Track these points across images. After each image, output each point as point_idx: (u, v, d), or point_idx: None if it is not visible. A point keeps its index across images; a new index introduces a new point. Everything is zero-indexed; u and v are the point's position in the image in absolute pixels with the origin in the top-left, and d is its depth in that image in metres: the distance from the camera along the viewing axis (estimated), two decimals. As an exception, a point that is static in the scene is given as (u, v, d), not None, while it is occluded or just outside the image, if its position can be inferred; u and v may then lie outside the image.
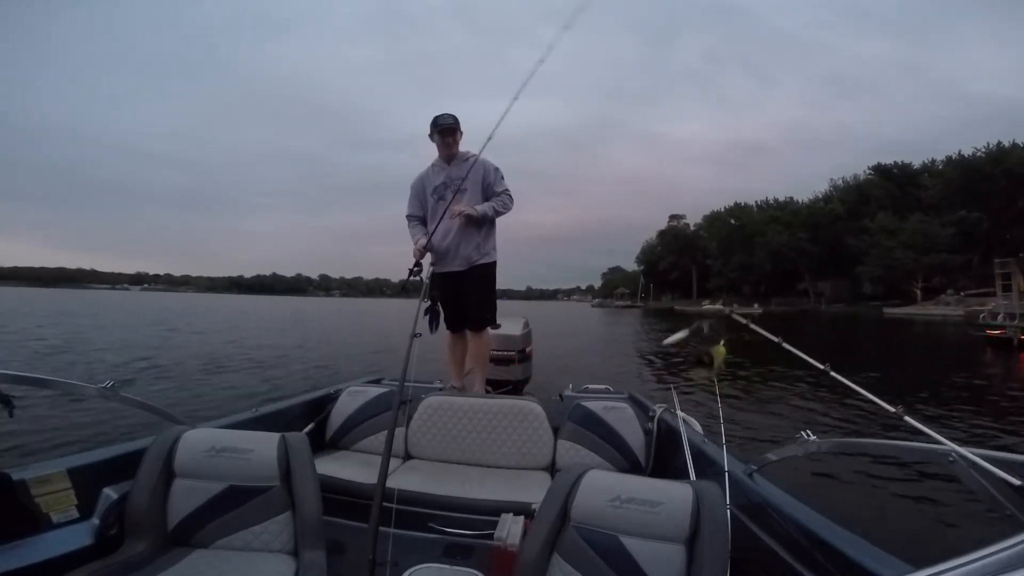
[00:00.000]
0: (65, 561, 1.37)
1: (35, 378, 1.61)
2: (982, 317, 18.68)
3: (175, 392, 7.33)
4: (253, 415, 2.32)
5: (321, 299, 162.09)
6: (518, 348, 4.70)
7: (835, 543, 1.22)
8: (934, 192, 51.96)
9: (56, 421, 5.02)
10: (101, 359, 10.28)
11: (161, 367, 9.39)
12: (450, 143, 2.93)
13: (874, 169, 62.90)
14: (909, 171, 59.33)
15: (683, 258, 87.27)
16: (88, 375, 8.20)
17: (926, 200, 52.39)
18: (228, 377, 8.92)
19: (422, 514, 1.91)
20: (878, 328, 29.58)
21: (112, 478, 1.60)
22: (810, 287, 65.55)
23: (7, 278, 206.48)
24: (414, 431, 2.53)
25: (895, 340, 20.84)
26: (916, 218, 49.40)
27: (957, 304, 40.69)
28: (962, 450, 1.03)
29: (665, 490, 1.34)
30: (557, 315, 46.98)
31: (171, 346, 13.00)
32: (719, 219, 77.42)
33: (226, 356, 11.43)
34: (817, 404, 7.59)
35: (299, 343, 15.36)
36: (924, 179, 55.38)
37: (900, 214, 51.56)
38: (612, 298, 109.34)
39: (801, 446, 1.49)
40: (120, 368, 9.13)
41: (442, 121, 2.89)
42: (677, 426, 2.26)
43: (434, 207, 3.00)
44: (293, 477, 1.59)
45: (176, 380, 8.30)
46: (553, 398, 3.12)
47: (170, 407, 2.02)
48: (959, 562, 0.63)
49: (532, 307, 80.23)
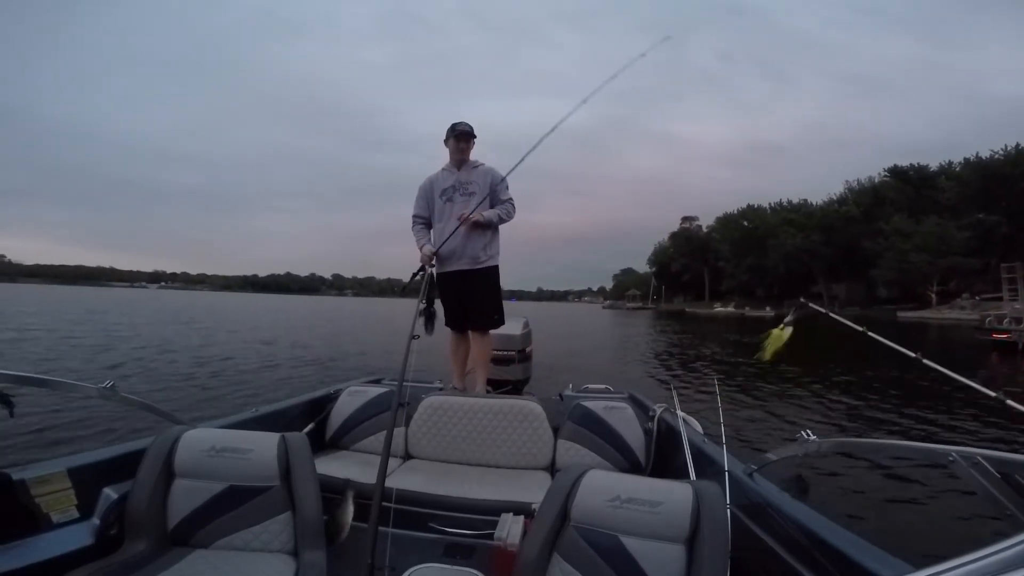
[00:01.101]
0: (65, 561, 1.37)
1: (35, 378, 1.62)
2: (988, 321, 18.82)
3: (239, 389, 7.51)
4: (253, 415, 2.33)
5: (334, 298, 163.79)
6: (518, 348, 4.71)
7: (835, 543, 1.23)
8: (951, 195, 51.27)
9: (56, 421, 5.08)
10: (155, 357, 10.47)
11: (212, 364, 9.74)
12: (463, 148, 3.06)
13: (890, 171, 62.25)
14: (926, 173, 58.61)
15: (695, 260, 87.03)
16: (144, 373, 8.59)
17: (943, 203, 51.68)
18: (281, 371, 9.35)
19: (422, 514, 1.90)
20: (884, 332, 29.47)
21: (112, 478, 1.61)
22: (824, 290, 64.96)
23: (29, 275, 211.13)
24: (414, 431, 2.53)
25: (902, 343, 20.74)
26: (931, 221, 48.83)
27: (973, 308, 40.12)
28: (962, 450, 1.03)
29: (665, 490, 1.35)
30: (566, 317, 46.74)
31: (213, 343, 13.50)
32: (732, 221, 77.14)
33: (270, 354, 11.83)
34: (817, 404, 7.67)
35: (332, 340, 15.83)
36: (941, 181, 54.59)
37: (916, 217, 51.02)
38: (623, 300, 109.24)
39: (801, 446, 1.49)
40: (173, 365, 9.41)
41: (460, 127, 3.04)
42: (677, 426, 2.27)
43: (441, 208, 3.09)
44: (293, 477, 1.61)
45: (234, 376, 8.61)
46: (553, 398, 3.12)
47: (239, 407, 2.15)
48: (959, 562, 0.62)
49: (542, 308, 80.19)
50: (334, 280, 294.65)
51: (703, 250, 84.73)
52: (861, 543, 1.21)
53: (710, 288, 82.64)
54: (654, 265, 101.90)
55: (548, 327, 23.25)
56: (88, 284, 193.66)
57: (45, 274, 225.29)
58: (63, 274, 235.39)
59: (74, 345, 11.77)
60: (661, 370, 12.05)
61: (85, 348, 11.42)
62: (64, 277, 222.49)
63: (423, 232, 3.15)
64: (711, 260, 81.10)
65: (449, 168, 3.13)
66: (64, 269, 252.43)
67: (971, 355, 15.30)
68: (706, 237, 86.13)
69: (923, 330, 29.96)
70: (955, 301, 44.97)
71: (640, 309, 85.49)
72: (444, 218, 3.05)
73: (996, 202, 46.25)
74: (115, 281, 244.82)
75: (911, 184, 57.90)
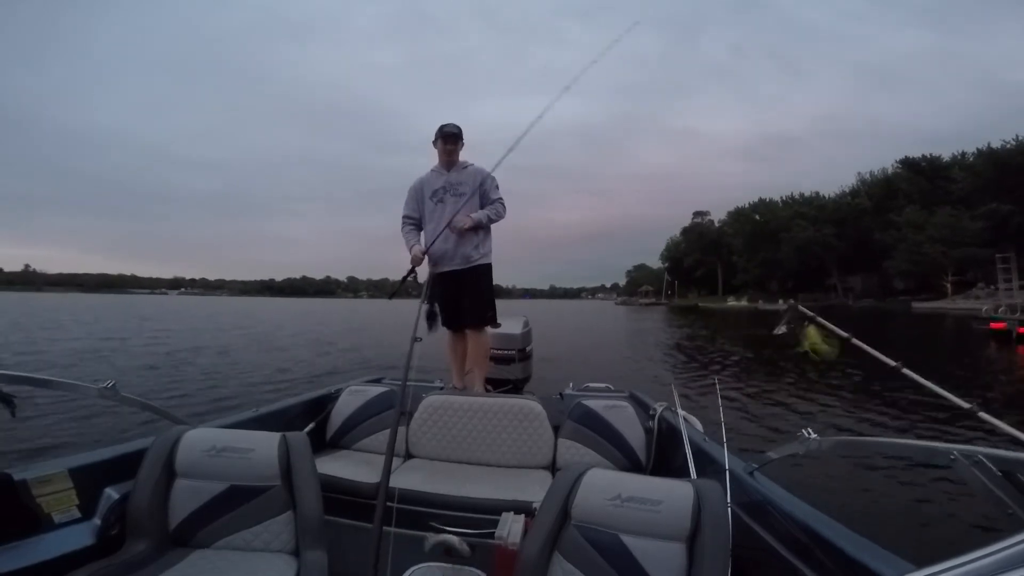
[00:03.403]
0: (66, 561, 1.38)
1: (35, 378, 1.63)
2: (985, 310, 19.66)
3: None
4: (254, 415, 2.34)
5: (350, 300, 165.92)
6: (518, 347, 4.72)
7: (836, 541, 1.23)
8: (964, 185, 51.20)
9: (56, 421, 5.13)
10: (230, 363, 11.20)
11: (295, 370, 10.46)
12: (451, 150, 3.05)
13: (902, 163, 62.24)
14: (938, 164, 58.52)
15: (708, 255, 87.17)
16: (238, 377, 9.24)
17: (956, 194, 51.60)
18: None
19: (423, 513, 1.90)
20: (890, 322, 29.38)
21: (113, 478, 1.62)
22: (838, 282, 65.03)
23: (54, 284, 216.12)
24: (415, 430, 2.54)
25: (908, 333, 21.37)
26: (944, 212, 48.90)
27: (988, 298, 40.34)
28: (963, 448, 1.03)
29: (666, 488, 1.36)
30: (578, 313, 46.64)
31: (285, 346, 14.79)
32: (743, 215, 77.38)
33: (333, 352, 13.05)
34: (817, 404, 7.81)
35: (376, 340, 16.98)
36: (954, 172, 54.42)
37: (929, 208, 51.06)
38: (636, 296, 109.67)
39: (802, 444, 1.49)
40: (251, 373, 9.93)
41: (447, 128, 3.03)
42: (678, 424, 2.28)
43: (432, 210, 3.09)
44: (294, 477, 1.61)
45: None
46: (553, 397, 3.12)
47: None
48: (959, 561, 0.61)
49: (555, 305, 79.77)
50: (349, 282, 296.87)
51: (716, 245, 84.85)
52: (862, 541, 1.21)
53: (723, 283, 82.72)
54: (667, 261, 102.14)
55: (557, 327, 23.81)
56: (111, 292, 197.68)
57: (68, 283, 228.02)
58: (86, 282, 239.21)
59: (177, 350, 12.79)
60: (665, 367, 12.26)
61: (209, 351, 12.66)
62: (87, 285, 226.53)
63: (413, 233, 3.14)
64: (724, 255, 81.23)
65: (439, 169, 3.14)
66: (87, 277, 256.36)
67: (972, 345, 15.76)
68: (718, 232, 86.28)
69: (937, 320, 30.16)
70: (970, 291, 45.05)
71: (653, 305, 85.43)
72: (435, 219, 3.06)
73: (1009, 192, 45.93)
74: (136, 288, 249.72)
75: (924, 175, 57.89)
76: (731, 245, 77.99)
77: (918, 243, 48.98)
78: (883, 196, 59.62)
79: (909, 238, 50.08)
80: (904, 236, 50.85)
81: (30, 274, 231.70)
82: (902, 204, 54.80)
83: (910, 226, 50.75)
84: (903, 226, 51.52)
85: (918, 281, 52.29)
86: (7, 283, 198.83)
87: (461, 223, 2.93)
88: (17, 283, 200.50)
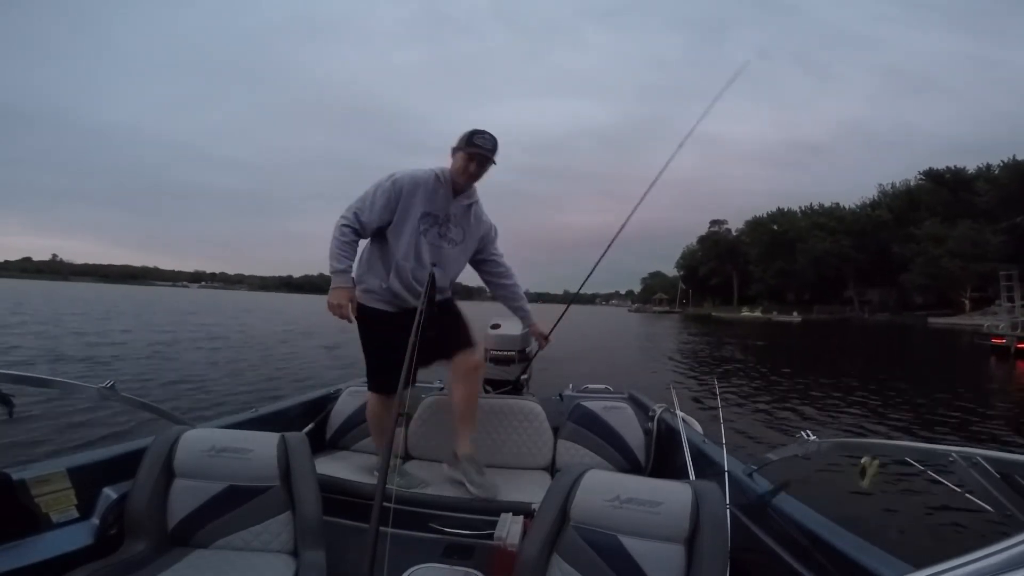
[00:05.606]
0: (65, 561, 1.37)
1: (35, 378, 1.63)
2: (987, 327, 19.89)
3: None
4: (253, 415, 2.33)
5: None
6: (518, 348, 4.60)
7: (835, 543, 1.23)
8: (988, 198, 50.05)
9: (56, 421, 5.10)
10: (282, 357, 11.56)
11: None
12: (474, 173, 2.16)
13: (925, 174, 61.28)
14: (963, 176, 57.39)
15: (723, 264, 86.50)
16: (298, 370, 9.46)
17: (980, 207, 50.52)
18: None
19: (422, 514, 1.90)
20: (903, 337, 29.42)
21: (112, 478, 1.61)
22: (855, 295, 64.19)
23: (79, 274, 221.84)
24: (414, 431, 2.53)
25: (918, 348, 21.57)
26: (964, 225, 48.08)
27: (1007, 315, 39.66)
28: (962, 450, 1.02)
29: (665, 490, 1.35)
30: (590, 321, 46.14)
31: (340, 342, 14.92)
32: (761, 224, 76.86)
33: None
34: (816, 407, 7.87)
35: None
36: (978, 184, 53.14)
37: (951, 221, 50.16)
38: (651, 303, 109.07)
39: (801, 446, 1.48)
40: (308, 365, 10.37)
41: (484, 145, 2.09)
42: (677, 426, 2.28)
43: (414, 234, 2.14)
44: (293, 477, 1.61)
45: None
46: (553, 398, 3.11)
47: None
48: (959, 562, 0.61)
49: (567, 310, 78.13)
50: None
51: (731, 254, 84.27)
52: (861, 543, 1.21)
53: (739, 292, 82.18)
54: (682, 268, 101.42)
55: (573, 331, 23.21)
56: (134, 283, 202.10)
57: (94, 273, 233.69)
58: (110, 273, 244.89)
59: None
60: (666, 370, 12.28)
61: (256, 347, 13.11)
62: (111, 276, 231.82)
63: (351, 247, 2.09)
64: (740, 264, 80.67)
65: (446, 184, 2.17)
66: (111, 268, 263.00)
67: (973, 361, 16.10)
68: (735, 240, 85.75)
69: (949, 336, 30.05)
70: (989, 308, 44.26)
71: (667, 313, 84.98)
72: (412, 248, 2.13)
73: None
74: (159, 280, 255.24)
75: (947, 187, 56.89)
76: (747, 254, 77.49)
77: (936, 257, 48.20)
78: (905, 208, 58.79)
79: (928, 251, 49.32)
80: (923, 249, 50.10)
81: (57, 264, 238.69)
82: (924, 217, 53.92)
83: (930, 239, 49.96)
84: (923, 239, 50.76)
85: (936, 296, 51.38)
86: (36, 271, 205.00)
87: (542, 332, 2.57)
88: (45, 272, 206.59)
